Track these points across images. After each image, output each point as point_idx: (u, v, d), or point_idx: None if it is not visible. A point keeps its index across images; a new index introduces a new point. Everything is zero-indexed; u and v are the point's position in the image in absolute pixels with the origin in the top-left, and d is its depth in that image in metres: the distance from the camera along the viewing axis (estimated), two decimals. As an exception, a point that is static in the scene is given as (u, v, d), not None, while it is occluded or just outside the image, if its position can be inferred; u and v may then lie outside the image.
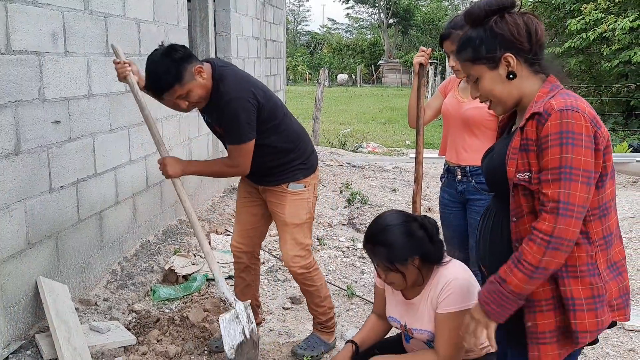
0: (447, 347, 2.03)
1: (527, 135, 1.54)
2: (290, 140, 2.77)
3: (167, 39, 4.44)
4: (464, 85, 2.85)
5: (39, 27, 2.90)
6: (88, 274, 3.43)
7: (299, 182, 2.81)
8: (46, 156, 2.99)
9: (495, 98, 1.65)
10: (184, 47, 2.60)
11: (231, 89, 2.56)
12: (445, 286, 2.05)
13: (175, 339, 3.03)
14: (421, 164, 2.94)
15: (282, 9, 8.69)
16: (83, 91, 3.30)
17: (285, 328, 3.32)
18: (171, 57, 2.47)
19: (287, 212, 2.82)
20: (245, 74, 2.73)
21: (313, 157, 2.89)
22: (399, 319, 2.23)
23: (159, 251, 4.17)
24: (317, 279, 2.94)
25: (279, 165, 2.79)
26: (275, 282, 4.01)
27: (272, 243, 4.82)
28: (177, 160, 2.83)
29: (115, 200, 3.74)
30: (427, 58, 2.90)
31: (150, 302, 3.55)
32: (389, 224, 2.05)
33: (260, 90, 2.65)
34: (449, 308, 2.02)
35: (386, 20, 45.56)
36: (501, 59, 1.60)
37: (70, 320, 2.84)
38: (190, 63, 2.51)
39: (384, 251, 2.00)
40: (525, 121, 1.55)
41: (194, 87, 2.54)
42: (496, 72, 1.62)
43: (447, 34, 2.73)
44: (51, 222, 3.05)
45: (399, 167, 8.76)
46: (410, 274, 2.05)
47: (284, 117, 2.76)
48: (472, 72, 1.66)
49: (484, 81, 1.64)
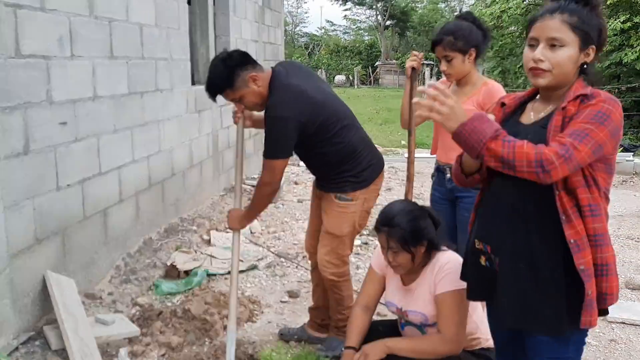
0: (450, 325, 2.17)
1: (567, 114, 1.64)
2: (344, 153, 2.74)
3: (169, 43, 4.59)
4: (454, 89, 2.95)
5: (46, 32, 3.03)
6: (93, 269, 3.56)
7: (346, 195, 2.78)
8: (53, 156, 3.12)
9: (560, 72, 1.68)
10: (243, 54, 2.69)
11: (277, 105, 2.59)
12: (440, 269, 2.22)
13: (178, 331, 3.17)
14: (413, 164, 3.03)
15: (280, 13, 8.83)
16: (88, 93, 3.43)
17: (282, 320, 3.46)
18: (225, 63, 2.61)
19: (330, 221, 2.84)
20: (299, 88, 2.64)
21: (368, 172, 2.81)
22: (397, 303, 2.37)
23: (161, 248, 4.30)
24: (344, 288, 2.94)
25: (331, 174, 2.81)
26: (274, 277, 4.14)
27: (271, 240, 4.95)
28: (237, 214, 2.88)
29: (119, 198, 3.87)
30: (419, 62, 2.98)
31: (153, 296, 3.69)
32: (405, 209, 2.25)
33: (309, 108, 2.61)
34: (446, 288, 2.18)
35: (383, 22, 45.70)
36: (590, 47, 1.69)
37: (77, 313, 2.97)
38: (244, 70, 2.61)
39: (401, 232, 2.17)
40: (567, 102, 1.65)
41: (246, 94, 2.64)
42: (580, 53, 1.68)
43: (439, 40, 2.83)
44: (58, 219, 3.18)
45: (394, 167, 8.89)
46: (418, 256, 2.22)
47: (340, 129, 2.72)
48: (562, 35, 1.66)
49: (566, 51, 1.67)
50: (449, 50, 2.81)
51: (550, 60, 1.67)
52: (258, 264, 4.33)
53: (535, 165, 1.54)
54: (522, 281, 1.71)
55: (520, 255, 1.72)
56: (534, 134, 1.68)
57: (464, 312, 2.19)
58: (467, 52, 2.82)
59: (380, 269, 2.46)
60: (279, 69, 2.74)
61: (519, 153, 1.55)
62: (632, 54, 11.21)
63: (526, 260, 1.70)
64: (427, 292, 2.25)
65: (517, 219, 1.72)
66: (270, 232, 5.18)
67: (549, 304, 1.68)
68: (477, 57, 2.87)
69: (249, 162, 7.11)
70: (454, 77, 2.90)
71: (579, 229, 1.64)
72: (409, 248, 2.19)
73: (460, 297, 2.15)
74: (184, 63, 4.95)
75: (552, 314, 1.68)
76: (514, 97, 1.93)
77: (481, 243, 1.85)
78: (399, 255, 2.21)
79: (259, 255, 4.51)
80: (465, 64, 2.84)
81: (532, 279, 1.70)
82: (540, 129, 1.70)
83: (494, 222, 1.80)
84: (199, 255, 4.27)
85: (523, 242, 1.71)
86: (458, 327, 2.17)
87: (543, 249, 1.68)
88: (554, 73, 1.68)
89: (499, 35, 13.81)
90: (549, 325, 1.70)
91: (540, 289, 1.69)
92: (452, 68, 2.85)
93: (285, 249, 4.73)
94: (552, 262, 1.67)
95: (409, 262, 2.22)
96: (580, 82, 1.71)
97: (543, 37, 1.69)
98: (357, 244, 4.93)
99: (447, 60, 2.84)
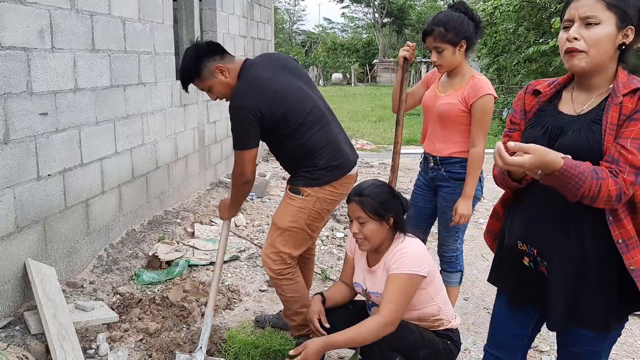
0: (388, 304, 2.24)
1: (623, 111, 1.59)
2: (302, 151, 2.71)
3: (152, 37, 4.65)
4: (445, 80, 2.99)
5: (27, 25, 3.09)
6: (75, 259, 3.62)
7: (297, 188, 2.76)
8: (34, 146, 3.18)
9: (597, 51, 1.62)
10: (211, 45, 2.74)
11: (237, 96, 2.62)
12: (398, 251, 2.31)
13: (156, 317, 3.24)
14: (398, 154, 3.08)
15: (270, 8, 8.89)
16: (69, 85, 3.50)
17: (260, 308, 3.53)
18: (194, 53, 2.68)
19: (278, 210, 2.84)
20: (261, 79, 2.65)
21: (324, 172, 2.73)
22: (362, 284, 2.48)
23: (144, 239, 4.36)
24: (286, 289, 2.84)
25: (291, 166, 2.83)
26: (254, 268, 4.21)
27: (255, 233, 5.02)
28: (226, 203, 2.99)
29: (102, 189, 3.94)
30: (411, 52, 3.00)
31: (134, 285, 3.75)
32: (376, 184, 2.38)
33: (267, 98, 2.60)
34: (396, 270, 2.26)
35: (380, 19, 45.76)
36: (627, 27, 1.61)
37: (57, 299, 3.04)
38: (211, 61, 2.67)
39: (372, 202, 2.29)
40: (622, 97, 1.60)
41: (214, 84, 2.71)
42: (617, 33, 1.62)
43: (430, 30, 2.84)
44: (39, 208, 3.25)
45: (384, 163, 8.98)
46: (383, 230, 2.32)
47: (300, 125, 2.68)
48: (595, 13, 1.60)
49: (601, 28, 1.60)
50: (439, 41, 2.82)
51: (585, 39, 1.60)
52: (240, 255, 4.40)
53: (615, 199, 1.56)
54: (573, 282, 1.70)
55: (571, 257, 1.70)
56: (587, 130, 1.64)
57: (406, 296, 2.26)
58: (458, 44, 2.82)
59: (351, 252, 2.60)
60: (250, 60, 2.77)
61: (604, 191, 1.55)
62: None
63: (577, 262, 1.69)
64: (384, 273, 2.33)
65: (568, 222, 1.69)
66: (254, 226, 5.25)
67: (600, 304, 1.68)
68: (468, 49, 2.86)
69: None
70: (445, 68, 2.91)
71: (628, 228, 1.63)
72: (376, 217, 2.29)
73: (409, 281, 2.24)
74: (169, 57, 5.01)
75: (602, 313, 1.69)
76: (548, 84, 1.85)
77: (525, 245, 1.81)
78: (366, 226, 2.30)
79: (241, 247, 4.58)
80: (456, 55, 2.84)
81: (583, 280, 1.69)
82: (592, 124, 1.64)
83: (541, 224, 1.76)
84: (182, 246, 4.34)
85: (574, 244, 1.69)
86: (396, 308, 2.23)
87: (594, 251, 1.67)
88: (590, 54, 1.61)
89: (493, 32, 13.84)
90: (598, 323, 1.71)
91: (591, 289, 1.69)
92: (442, 59, 2.85)
93: (269, 241, 4.80)
94: (603, 262, 1.67)
95: (374, 234, 2.31)
96: (623, 70, 1.66)
97: (577, 16, 1.61)
98: (340, 236, 5.01)
99: (438, 52, 2.85)
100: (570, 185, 1.54)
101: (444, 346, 2.41)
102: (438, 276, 2.43)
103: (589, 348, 1.77)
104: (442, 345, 2.41)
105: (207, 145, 6.13)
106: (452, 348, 2.45)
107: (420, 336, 2.34)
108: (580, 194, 1.55)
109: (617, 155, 1.57)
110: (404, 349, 2.29)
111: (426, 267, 2.28)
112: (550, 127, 1.72)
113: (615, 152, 1.58)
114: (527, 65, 12.62)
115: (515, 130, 1.89)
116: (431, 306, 2.39)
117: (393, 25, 46.40)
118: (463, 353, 3.03)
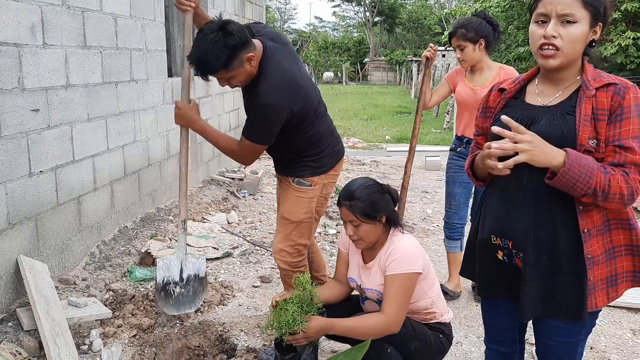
0: (391, 306, 2.26)
1: (598, 105, 1.62)
2: (311, 141, 2.72)
3: (144, 34, 4.65)
4: (471, 75, 3.51)
5: (18, 20, 3.08)
6: (67, 255, 3.62)
7: (305, 179, 2.75)
8: (26, 142, 3.17)
9: (569, 49, 1.65)
10: (243, 30, 2.44)
11: (271, 92, 2.46)
12: (393, 250, 2.32)
13: (149, 313, 3.24)
14: (416, 138, 3.60)
15: (262, 6, 8.89)
16: (61, 82, 3.49)
17: (253, 303, 3.54)
18: (225, 42, 2.35)
19: (287, 205, 2.81)
20: (294, 77, 2.55)
21: (329, 158, 2.78)
22: (357, 280, 2.49)
23: (137, 236, 4.36)
24: None
25: (294, 159, 2.77)
26: (247, 264, 4.22)
27: (247, 230, 5.03)
28: (190, 111, 2.71)
29: (94, 186, 3.93)
30: (433, 53, 3.58)
31: (127, 282, 3.75)
32: (366, 184, 2.36)
33: (301, 98, 2.55)
34: (394, 270, 2.27)
35: (371, 18, 45.82)
36: (597, 24, 1.66)
37: (49, 295, 3.03)
38: (244, 50, 2.41)
39: (362, 205, 2.29)
40: (595, 90, 1.63)
41: (239, 74, 2.47)
42: (589, 30, 1.65)
43: (454, 32, 3.40)
44: (31, 205, 3.24)
45: (376, 161, 9.01)
46: (377, 229, 2.33)
47: (314, 117, 2.68)
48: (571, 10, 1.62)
49: (576, 27, 1.63)
50: (461, 40, 3.36)
51: (562, 37, 1.63)
52: (232, 252, 4.41)
53: (628, 198, 1.59)
54: (546, 273, 1.73)
55: (544, 247, 1.72)
56: (561, 120, 1.67)
57: (407, 295, 2.28)
58: (477, 42, 3.35)
59: (344, 247, 2.59)
60: (270, 45, 2.57)
61: (615, 186, 1.57)
62: (611, 48, 11.39)
63: (549, 252, 1.72)
64: (380, 271, 2.35)
65: (541, 211, 1.71)
66: (247, 223, 5.25)
67: (571, 292, 1.72)
68: (487, 46, 3.38)
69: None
70: (467, 63, 3.43)
71: (595, 218, 1.67)
72: (368, 219, 2.30)
73: (407, 280, 2.26)
74: (160, 54, 5.00)
75: (575, 301, 1.72)
76: (512, 81, 1.90)
77: (499, 239, 1.82)
78: (360, 228, 2.32)
79: (234, 244, 4.59)
80: (476, 52, 3.36)
81: (556, 269, 1.72)
82: (566, 115, 1.67)
83: (515, 216, 1.76)
84: (174, 243, 4.34)
85: (547, 233, 1.71)
86: (399, 308, 2.25)
87: (565, 240, 1.70)
88: (565, 51, 1.64)
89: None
90: (571, 312, 1.73)
91: (563, 278, 1.72)
92: (465, 55, 3.38)
93: (261, 238, 4.81)
94: (573, 251, 1.70)
95: (369, 234, 2.33)
96: (589, 63, 1.71)
97: (554, 12, 1.62)
98: (333, 233, 5.03)
99: (461, 49, 3.38)
100: (583, 174, 1.55)
101: (436, 339, 2.43)
102: (432, 270, 2.45)
103: (564, 339, 1.81)
104: (434, 338, 2.43)
105: (198, 143, 6.12)
106: (444, 342, 2.47)
107: (412, 329, 2.36)
108: (591, 187, 1.56)
109: (620, 158, 1.59)
110: (395, 342, 2.31)
111: (421, 263, 2.30)
112: (520, 118, 1.74)
113: (617, 156, 1.60)
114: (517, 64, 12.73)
115: (480, 135, 1.98)
116: (424, 300, 2.41)
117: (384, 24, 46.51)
118: (455, 346, 3.06)
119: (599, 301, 1.71)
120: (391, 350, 2.27)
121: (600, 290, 1.71)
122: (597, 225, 1.69)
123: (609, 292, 1.73)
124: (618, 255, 1.73)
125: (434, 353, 2.44)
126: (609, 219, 1.70)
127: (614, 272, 1.73)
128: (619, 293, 1.75)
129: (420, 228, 5.33)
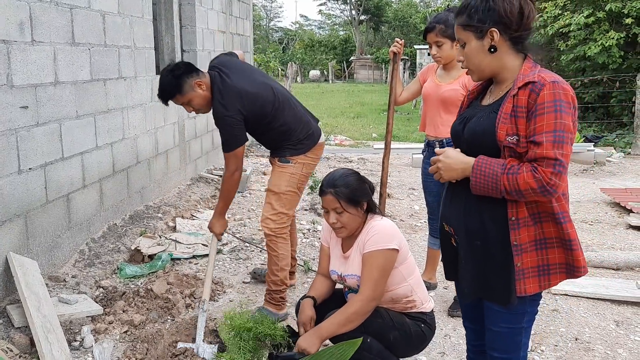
0: (368, 283, 2.31)
1: (518, 103, 1.72)
2: (283, 131, 3.20)
3: (132, 32, 4.64)
4: (442, 73, 3.42)
5: (6, 17, 3.08)
6: (57, 253, 3.61)
7: (286, 158, 3.24)
8: (15, 139, 3.17)
9: (474, 66, 1.84)
10: (187, 64, 3.12)
11: (219, 106, 3.03)
12: (370, 230, 2.39)
13: (140, 309, 3.25)
14: (390, 133, 3.55)
15: (249, 4, 8.89)
16: (50, 78, 3.48)
17: (244, 298, 3.57)
18: (174, 72, 3.02)
19: (272, 180, 3.29)
20: (236, 87, 3.05)
21: (306, 142, 3.25)
22: (337, 270, 2.53)
23: (126, 234, 4.36)
24: (280, 246, 3.26)
25: (275, 146, 3.30)
26: (237, 260, 4.24)
27: (237, 227, 5.05)
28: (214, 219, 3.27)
29: (83, 184, 3.93)
30: (400, 47, 3.46)
31: (117, 279, 3.76)
32: (347, 173, 2.45)
33: (248, 101, 3.04)
34: (370, 248, 2.33)
35: (357, 16, 45.90)
36: (487, 32, 1.78)
37: (40, 292, 3.03)
38: (190, 77, 3.03)
39: (346, 192, 2.36)
40: (517, 89, 1.73)
41: (193, 97, 3.06)
42: (481, 42, 1.80)
43: (431, 27, 3.26)
44: (20, 202, 3.23)
45: (363, 158, 9.06)
46: (358, 216, 2.40)
47: (274, 112, 3.14)
48: (460, 37, 1.84)
49: (468, 47, 1.83)
50: (440, 36, 3.25)
51: (464, 58, 1.86)
52: (222, 249, 4.43)
53: (541, 191, 1.67)
54: (477, 257, 1.86)
55: (474, 233, 1.85)
56: (487, 117, 1.81)
57: (384, 272, 2.33)
58: (455, 40, 3.14)
59: (326, 241, 2.64)
60: (213, 73, 3.12)
61: (522, 183, 1.67)
62: (594, 47, 11.54)
63: (480, 238, 1.84)
64: (358, 254, 2.40)
65: (471, 202, 1.84)
66: (236, 220, 5.27)
67: (499, 277, 1.82)
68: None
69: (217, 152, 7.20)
70: (443, 60, 3.34)
71: (524, 209, 1.76)
72: (352, 205, 2.36)
73: (383, 257, 2.32)
74: (148, 52, 5.00)
75: (502, 286, 1.82)
76: (478, 84, 2.03)
77: (447, 225, 1.99)
78: (343, 215, 2.37)
79: (223, 241, 4.60)
80: (453, 49, 3.24)
81: (486, 254, 1.84)
82: (492, 113, 1.80)
83: (453, 205, 1.94)
84: (164, 240, 4.35)
85: (475, 221, 1.84)
86: (375, 285, 2.31)
87: (492, 227, 1.81)
88: (472, 68, 1.86)
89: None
90: (500, 296, 1.84)
91: (492, 263, 1.83)
92: (441, 52, 3.29)
93: (250, 235, 4.83)
94: (501, 238, 1.80)
95: (351, 221, 2.38)
96: (529, 62, 1.80)
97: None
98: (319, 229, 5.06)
99: (438, 46, 3.28)
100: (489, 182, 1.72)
101: (416, 328, 2.46)
102: (410, 256, 2.49)
103: (508, 326, 1.89)
104: (414, 327, 2.46)
105: (187, 141, 6.13)
106: (426, 330, 2.50)
107: (389, 319, 2.40)
108: (502, 189, 1.71)
109: (532, 154, 1.69)
110: (374, 333, 2.34)
111: (397, 240, 2.36)
112: (465, 117, 1.93)
113: (530, 152, 1.70)
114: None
115: None
116: (404, 287, 2.44)
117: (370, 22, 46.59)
118: (444, 339, 3.11)
119: (528, 287, 1.80)
120: (370, 340, 2.31)
121: (532, 278, 1.80)
122: (526, 216, 1.77)
123: (540, 280, 1.81)
124: (550, 247, 1.80)
125: (415, 342, 2.48)
126: (540, 211, 1.78)
127: (546, 262, 1.81)
128: (552, 283, 1.83)
129: (408, 225, 5.39)
